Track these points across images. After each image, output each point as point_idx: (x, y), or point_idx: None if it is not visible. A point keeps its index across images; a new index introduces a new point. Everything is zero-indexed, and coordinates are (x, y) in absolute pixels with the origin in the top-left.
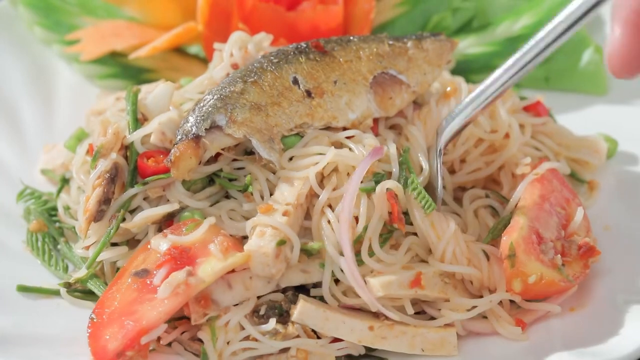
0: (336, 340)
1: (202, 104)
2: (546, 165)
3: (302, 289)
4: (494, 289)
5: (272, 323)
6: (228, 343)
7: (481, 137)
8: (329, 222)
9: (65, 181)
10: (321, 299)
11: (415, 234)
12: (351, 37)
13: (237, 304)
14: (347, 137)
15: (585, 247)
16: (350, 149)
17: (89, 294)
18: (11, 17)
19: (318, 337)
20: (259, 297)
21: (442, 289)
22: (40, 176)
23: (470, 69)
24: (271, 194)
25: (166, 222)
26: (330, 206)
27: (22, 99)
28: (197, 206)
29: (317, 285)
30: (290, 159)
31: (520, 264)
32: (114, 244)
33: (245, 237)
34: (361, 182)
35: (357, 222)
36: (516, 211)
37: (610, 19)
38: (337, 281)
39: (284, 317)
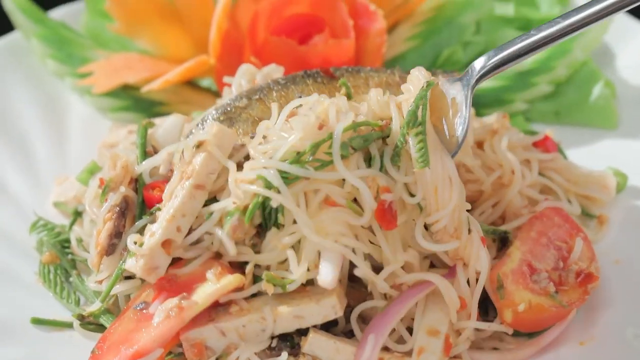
0: None
1: (205, 118)
2: (545, 204)
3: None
4: (467, 262)
5: (284, 357)
6: None
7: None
8: None
9: (78, 214)
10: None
11: None
12: (363, 67)
13: None
14: None
15: (583, 274)
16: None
17: (101, 327)
18: (24, 49)
19: None
20: None
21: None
22: (53, 208)
23: (480, 103)
24: None
25: None
26: None
27: (35, 131)
28: None
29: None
30: None
31: (509, 293)
32: (127, 277)
33: (244, 263)
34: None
35: None
36: (511, 246)
37: None
38: None
39: (295, 350)
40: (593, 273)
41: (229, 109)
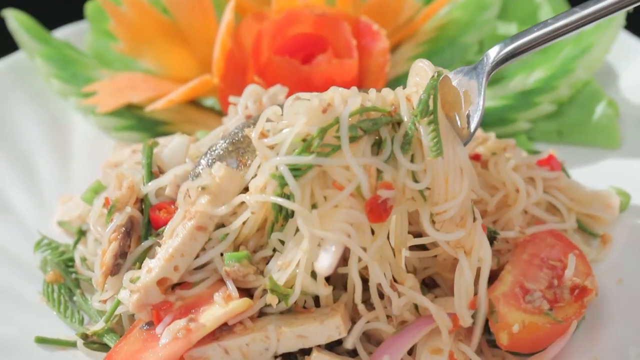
0: None
1: (214, 148)
2: (533, 229)
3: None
4: (469, 251)
5: None
6: None
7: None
8: None
9: (82, 233)
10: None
11: None
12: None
13: None
14: None
15: (578, 289)
16: None
17: (105, 346)
18: (28, 69)
19: None
20: None
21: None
22: (57, 228)
23: (484, 122)
24: None
25: None
26: None
27: (39, 150)
28: None
29: None
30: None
31: (502, 316)
32: None
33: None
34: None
35: None
36: (503, 270)
37: None
38: None
39: None
40: (587, 286)
41: (236, 138)
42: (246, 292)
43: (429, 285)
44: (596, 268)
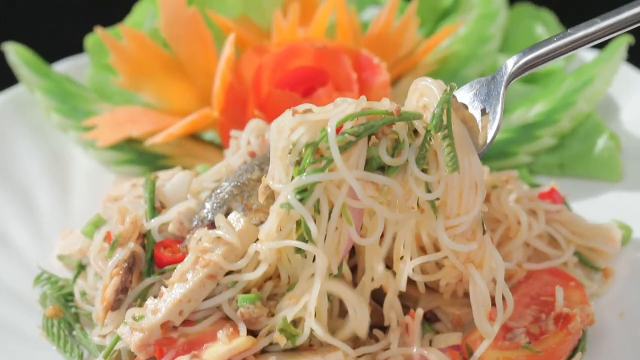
0: None
1: (219, 191)
2: (531, 265)
3: None
4: (479, 264)
5: None
6: None
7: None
8: None
9: (82, 267)
10: None
11: None
12: None
13: None
14: None
15: (561, 318)
16: None
17: None
18: (28, 103)
19: None
20: None
21: None
22: (57, 262)
23: (485, 156)
24: None
25: None
26: None
27: (39, 184)
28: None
29: None
30: None
31: (480, 359)
32: None
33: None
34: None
35: None
36: None
37: None
38: None
39: None
40: (569, 313)
41: (241, 181)
42: (249, 329)
43: (430, 319)
44: (598, 302)
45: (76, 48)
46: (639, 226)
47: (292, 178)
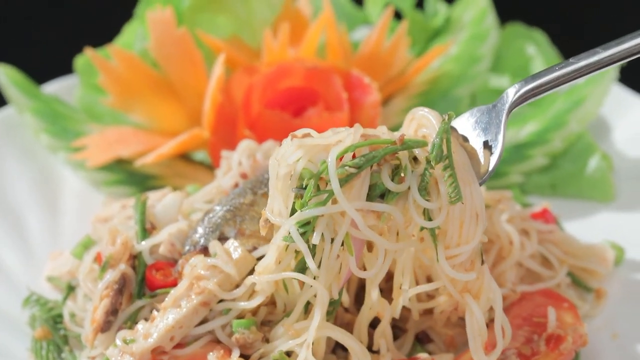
0: None
1: (211, 215)
2: (524, 288)
3: None
4: (475, 295)
5: None
6: None
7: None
8: None
9: (71, 288)
10: None
11: None
12: None
13: None
14: None
15: (552, 338)
16: None
17: None
18: (17, 124)
19: None
20: None
21: None
22: (46, 283)
23: None
24: None
25: None
26: None
27: (28, 206)
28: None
29: None
30: None
31: None
32: None
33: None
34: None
35: None
36: None
37: None
38: None
39: None
40: (560, 334)
41: (235, 205)
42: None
43: (422, 340)
44: (591, 323)
45: (65, 69)
46: (631, 247)
47: (292, 208)
